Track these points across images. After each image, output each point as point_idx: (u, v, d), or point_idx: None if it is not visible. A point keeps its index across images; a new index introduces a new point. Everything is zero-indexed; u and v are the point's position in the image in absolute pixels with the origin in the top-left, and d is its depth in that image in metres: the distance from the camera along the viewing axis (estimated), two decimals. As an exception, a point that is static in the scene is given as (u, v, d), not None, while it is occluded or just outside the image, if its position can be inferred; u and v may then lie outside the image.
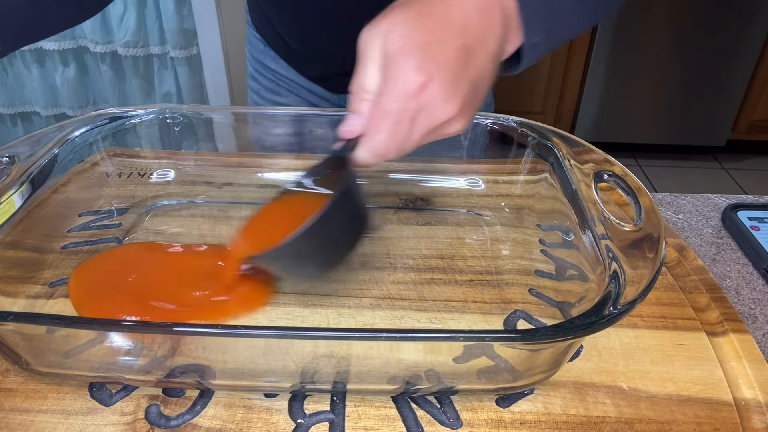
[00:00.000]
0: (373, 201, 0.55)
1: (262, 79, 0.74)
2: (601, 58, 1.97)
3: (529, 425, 0.35)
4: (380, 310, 0.43)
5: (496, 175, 0.55)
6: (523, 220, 0.52)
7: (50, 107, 2.00)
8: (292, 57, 0.70)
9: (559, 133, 0.48)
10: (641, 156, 2.21)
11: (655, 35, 1.92)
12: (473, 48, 0.33)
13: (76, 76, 1.94)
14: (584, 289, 0.39)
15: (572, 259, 0.43)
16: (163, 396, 0.37)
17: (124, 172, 0.55)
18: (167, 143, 0.55)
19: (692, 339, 0.41)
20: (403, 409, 0.36)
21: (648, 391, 0.37)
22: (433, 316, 0.42)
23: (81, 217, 0.50)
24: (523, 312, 0.43)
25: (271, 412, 0.36)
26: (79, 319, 0.31)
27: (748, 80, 1.98)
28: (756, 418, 0.36)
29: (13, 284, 0.42)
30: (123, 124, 0.52)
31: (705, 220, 0.57)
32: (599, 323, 0.31)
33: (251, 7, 0.72)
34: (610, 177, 0.42)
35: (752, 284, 0.49)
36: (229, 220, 0.53)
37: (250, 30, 0.73)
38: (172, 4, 1.78)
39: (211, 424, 0.35)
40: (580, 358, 0.40)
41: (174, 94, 1.99)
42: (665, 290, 0.46)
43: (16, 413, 0.35)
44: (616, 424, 0.35)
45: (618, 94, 2.05)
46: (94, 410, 0.36)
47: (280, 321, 0.42)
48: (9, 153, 0.44)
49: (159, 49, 1.89)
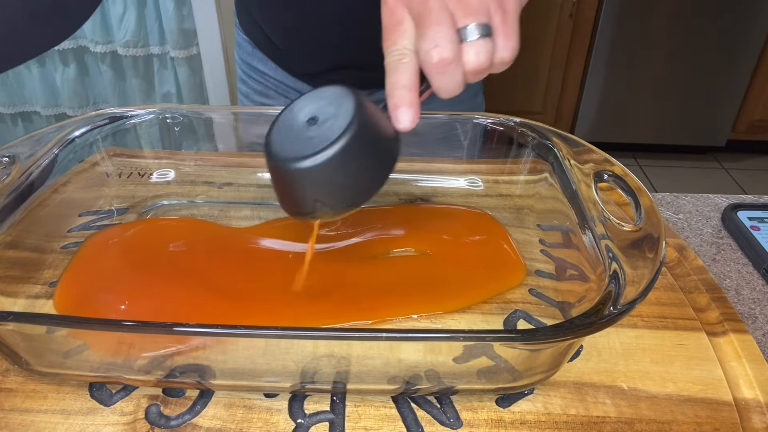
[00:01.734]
0: (373, 201, 0.55)
1: (251, 82, 0.74)
2: (601, 58, 1.97)
3: (529, 425, 0.35)
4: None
5: (496, 175, 0.55)
6: (523, 220, 0.52)
7: (50, 107, 2.00)
8: (279, 55, 0.69)
9: (559, 133, 0.48)
10: (641, 156, 2.21)
11: (655, 35, 1.93)
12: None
13: (76, 76, 1.93)
14: (584, 289, 0.39)
15: (572, 259, 0.43)
16: (163, 396, 0.37)
17: (124, 172, 0.55)
18: (167, 143, 0.55)
19: (692, 339, 0.41)
20: (403, 409, 0.36)
21: (648, 391, 0.37)
22: (433, 316, 0.42)
23: (81, 217, 0.50)
24: (523, 312, 0.43)
25: (271, 412, 0.36)
26: (79, 319, 0.31)
27: (748, 80, 1.99)
28: (756, 418, 0.36)
29: (13, 284, 0.42)
30: (123, 124, 0.52)
31: (705, 220, 0.57)
32: (599, 323, 0.31)
33: (238, 9, 0.72)
34: (610, 177, 0.42)
35: (752, 284, 0.49)
36: (229, 220, 0.53)
37: (238, 32, 0.73)
38: (172, 4, 1.78)
39: (211, 424, 0.35)
40: (580, 358, 0.40)
41: (174, 94, 1.99)
42: (665, 290, 0.46)
43: (16, 413, 0.35)
44: (616, 424, 0.35)
45: (618, 94, 2.05)
46: (94, 410, 0.36)
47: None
48: (9, 153, 0.44)
49: (159, 49, 1.89)
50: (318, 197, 0.35)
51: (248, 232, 0.50)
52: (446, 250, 0.48)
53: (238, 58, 0.75)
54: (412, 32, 0.33)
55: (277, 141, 0.36)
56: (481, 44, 0.32)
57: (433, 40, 0.32)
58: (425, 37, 0.32)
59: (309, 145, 0.33)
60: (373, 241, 0.49)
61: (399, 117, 0.34)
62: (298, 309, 0.42)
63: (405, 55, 0.33)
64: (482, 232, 0.51)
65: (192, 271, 0.45)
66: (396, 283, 0.45)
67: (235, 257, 0.47)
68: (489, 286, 0.45)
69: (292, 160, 0.34)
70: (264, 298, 0.43)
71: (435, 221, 0.52)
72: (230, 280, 0.44)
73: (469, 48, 0.32)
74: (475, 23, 0.32)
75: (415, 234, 0.50)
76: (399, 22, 0.33)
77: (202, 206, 0.54)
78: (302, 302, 0.43)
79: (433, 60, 0.32)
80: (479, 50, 0.32)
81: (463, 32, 0.32)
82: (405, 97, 0.33)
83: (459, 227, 0.51)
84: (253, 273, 0.46)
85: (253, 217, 0.53)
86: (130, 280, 0.44)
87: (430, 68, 0.32)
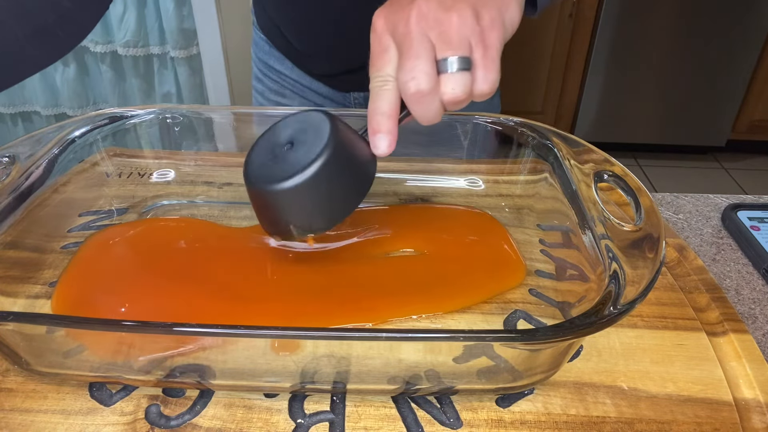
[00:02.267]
0: (373, 201, 0.55)
1: (267, 81, 0.74)
2: (601, 58, 1.97)
3: (529, 425, 0.35)
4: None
5: (496, 175, 0.55)
6: (523, 220, 0.52)
7: (50, 107, 2.00)
8: (297, 56, 0.70)
9: (559, 133, 0.48)
10: (641, 156, 2.21)
11: (655, 35, 1.93)
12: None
13: (76, 76, 1.94)
14: (584, 289, 0.39)
15: (572, 259, 0.43)
16: (163, 396, 0.37)
17: (124, 172, 0.55)
18: (167, 143, 0.55)
19: (692, 339, 0.41)
20: (403, 409, 0.36)
21: (648, 391, 0.37)
22: (433, 316, 0.42)
23: (81, 217, 0.50)
24: (523, 312, 0.43)
25: (271, 412, 0.36)
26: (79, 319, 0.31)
27: (748, 80, 1.99)
28: (756, 418, 0.36)
29: (13, 284, 0.42)
30: (123, 124, 0.52)
31: (705, 220, 0.57)
32: (599, 323, 0.31)
33: (257, 8, 0.72)
34: (610, 177, 0.42)
35: (752, 284, 0.49)
36: (229, 220, 0.53)
37: (256, 31, 0.74)
38: (172, 4, 1.78)
39: (211, 424, 0.35)
40: (580, 358, 0.40)
41: (174, 94, 1.99)
42: (665, 290, 0.46)
43: (16, 413, 0.35)
44: (616, 424, 0.35)
45: (618, 94, 2.05)
46: (94, 410, 0.36)
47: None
48: (9, 153, 0.44)
49: (159, 49, 1.89)
50: (291, 218, 0.37)
51: (248, 232, 0.50)
52: (446, 250, 0.48)
53: (254, 55, 0.76)
54: (396, 60, 0.34)
55: (255, 163, 0.38)
56: (459, 77, 0.33)
57: (411, 71, 0.33)
58: (404, 68, 0.33)
59: (283, 169, 0.35)
60: (373, 241, 0.49)
61: (376, 143, 0.35)
62: (298, 309, 0.42)
63: (387, 82, 0.34)
64: (482, 232, 0.51)
65: (192, 271, 0.45)
66: (396, 283, 0.45)
67: (235, 257, 0.47)
68: (489, 286, 0.45)
69: (267, 182, 0.35)
70: (264, 298, 0.43)
71: (435, 221, 0.52)
72: (230, 280, 0.44)
73: (447, 80, 0.33)
74: (455, 56, 0.33)
75: (415, 234, 0.50)
76: (384, 50, 0.34)
77: (202, 206, 0.54)
78: (302, 302, 0.43)
79: (410, 91, 0.33)
80: (456, 83, 0.33)
81: (442, 64, 0.33)
82: (383, 123, 0.35)
83: (459, 227, 0.51)
84: (252, 273, 0.46)
85: (253, 217, 0.52)
86: (130, 280, 0.44)
87: (408, 98, 0.34)
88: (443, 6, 0.33)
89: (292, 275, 0.45)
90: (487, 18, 0.33)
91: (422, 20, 0.33)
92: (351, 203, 0.38)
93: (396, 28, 0.34)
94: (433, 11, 0.33)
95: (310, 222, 0.37)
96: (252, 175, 0.37)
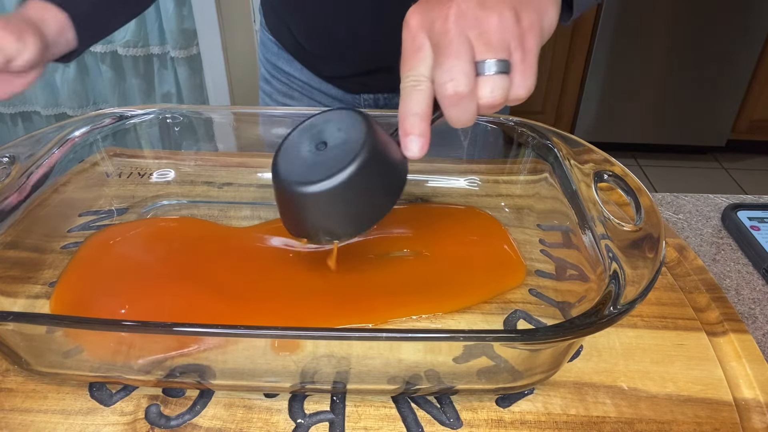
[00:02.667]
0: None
1: (275, 82, 0.73)
2: (601, 58, 1.97)
3: (529, 425, 0.35)
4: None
5: (496, 175, 0.55)
6: (523, 220, 0.52)
7: (50, 107, 2.00)
8: (307, 58, 0.69)
9: (559, 133, 0.48)
10: (641, 156, 2.21)
11: (655, 35, 1.92)
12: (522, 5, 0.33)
13: (76, 76, 1.93)
14: (584, 289, 0.39)
15: (572, 259, 0.43)
16: (163, 396, 0.37)
17: (124, 172, 0.55)
18: (167, 143, 0.55)
19: (692, 339, 0.41)
20: (403, 409, 0.36)
21: (648, 391, 0.37)
22: (433, 317, 0.42)
23: (81, 217, 0.50)
24: (523, 312, 0.43)
25: (271, 412, 0.36)
26: (79, 319, 0.31)
27: (748, 80, 1.98)
28: (756, 418, 0.36)
29: (13, 284, 0.42)
30: (123, 124, 0.52)
31: (705, 220, 0.57)
32: (599, 323, 0.31)
33: (265, 9, 0.72)
34: (610, 177, 0.42)
35: (752, 284, 0.49)
36: (229, 220, 0.53)
37: (264, 32, 0.73)
38: (172, 4, 1.78)
39: (211, 424, 0.35)
40: (580, 358, 0.40)
41: (174, 94, 1.99)
42: (665, 290, 0.46)
43: (16, 413, 0.35)
44: (616, 424, 0.35)
45: (618, 94, 2.05)
46: (94, 410, 0.36)
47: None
48: (9, 153, 0.44)
49: (159, 49, 1.89)
50: (323, 222, 0.35)
51: (248, 232, 0.50)
52: (446, 250, 0.48)
53: (261, 57, 0.75)
54: (431, 60, 0.33)
55: (285, 163, 0.36)
56: (497, 80, 0.32)
57: (449, 72, 0.31)
58: (442, 67, 0.32)
59: (317, 171, 0.34)
60: (373, 241, 0.49)
61: (409, 145, 0.34)
62: (298, 309, 0.42)
63: (421, 82, 0.33)
64: (482, 232, 0.51)
65: (192, 271, 0.45)
66: (396, 284, 0.45)
67: (235, 257, 0.47)
68: (489, 286, 0.45)
69: (300, 184, 0.34)
70: (264, 298, 0.43)
71: (435, 221, 0.52)
72: (230, 280, 0.44)
73: (485, 83, 0.32)
74: (495, 59, 0.32)
75: (415, 234, 0.50)
76: (419, 48, 0.33)
77: (202, 206, 0.54)
78: (302, 302, 0.43)
79: (448, 92, 0.32)
80: (495, 86, 0.32)
81: (481, 66, 0.32)
82: (416, 125, 0.33)
83: (459, 227, 0.51)
84: (253, 273, 0.46)
85: (253, 217, 0.53)
86: (130, 280, 0.44)
87: (444, 99, 0.32)
88: (483, 5, 0.32)
89: (292, 275, 0.45)
90: (526, 21, 0.32)
91: (461, 18, 0.31)
92: (382, 209, 0.36)
93: (433, 26, 0.32)
94: (473, 9, 0.31)
95: (339, 227, 0.36)
96: (282, 174, 0.35)
